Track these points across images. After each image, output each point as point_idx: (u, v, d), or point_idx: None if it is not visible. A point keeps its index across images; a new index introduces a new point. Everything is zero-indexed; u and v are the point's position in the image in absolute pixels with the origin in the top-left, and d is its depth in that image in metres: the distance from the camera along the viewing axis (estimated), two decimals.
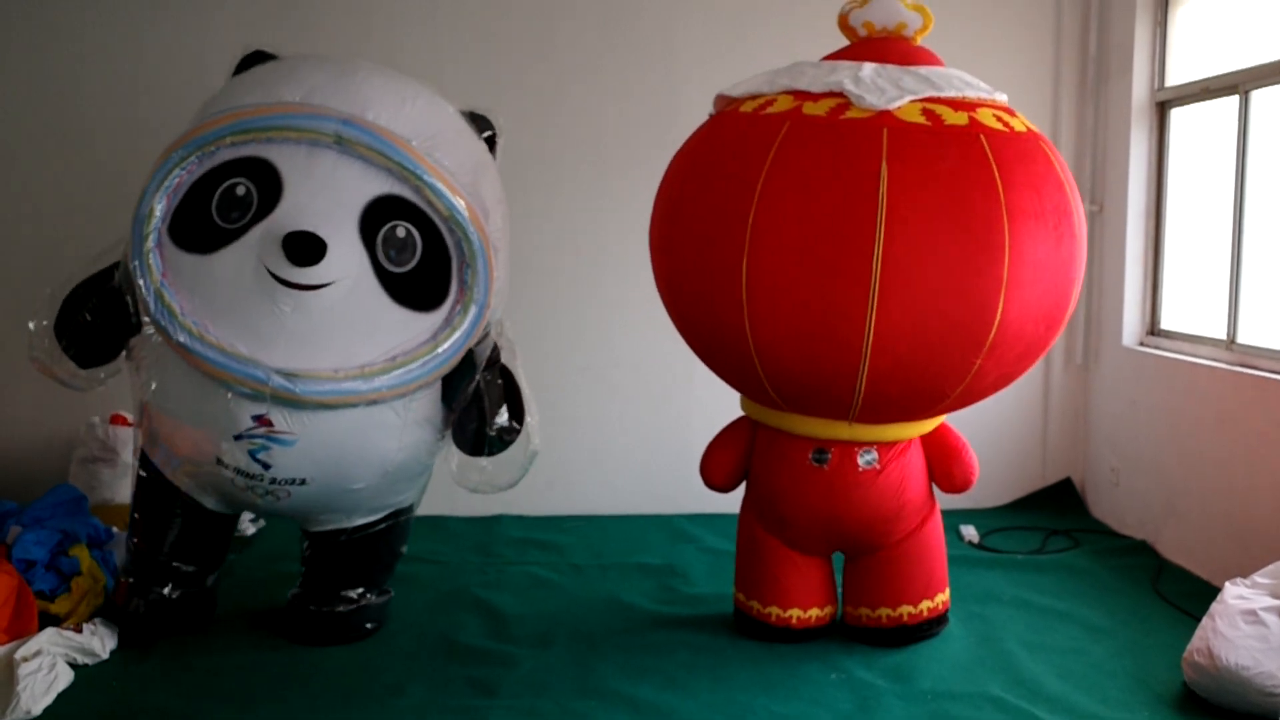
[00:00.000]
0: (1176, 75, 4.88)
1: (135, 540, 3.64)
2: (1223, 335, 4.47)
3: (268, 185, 3.23)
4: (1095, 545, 4.86)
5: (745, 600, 3.79)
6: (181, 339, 3.17)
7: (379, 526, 3.72)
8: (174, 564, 3.60)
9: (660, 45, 5.19)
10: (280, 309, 3.18)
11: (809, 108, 3.26)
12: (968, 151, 3.15)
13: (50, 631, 3.47)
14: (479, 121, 3.68)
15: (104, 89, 5.02)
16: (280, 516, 3.69)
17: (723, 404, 5.04)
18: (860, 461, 3.54)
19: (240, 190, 3.23)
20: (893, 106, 3.18)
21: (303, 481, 3.37)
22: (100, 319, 3.37)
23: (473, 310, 3.38)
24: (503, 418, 3.55)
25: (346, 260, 3.21)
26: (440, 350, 3.34)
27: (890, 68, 3.33)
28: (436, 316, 3.36)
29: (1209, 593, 3.75)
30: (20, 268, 4.91)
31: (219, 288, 3.20)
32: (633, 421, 5.32)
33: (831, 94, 3.28)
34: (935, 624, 3.77)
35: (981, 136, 3.18)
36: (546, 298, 5.23)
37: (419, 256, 3.32)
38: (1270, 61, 4.18)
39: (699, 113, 3.93)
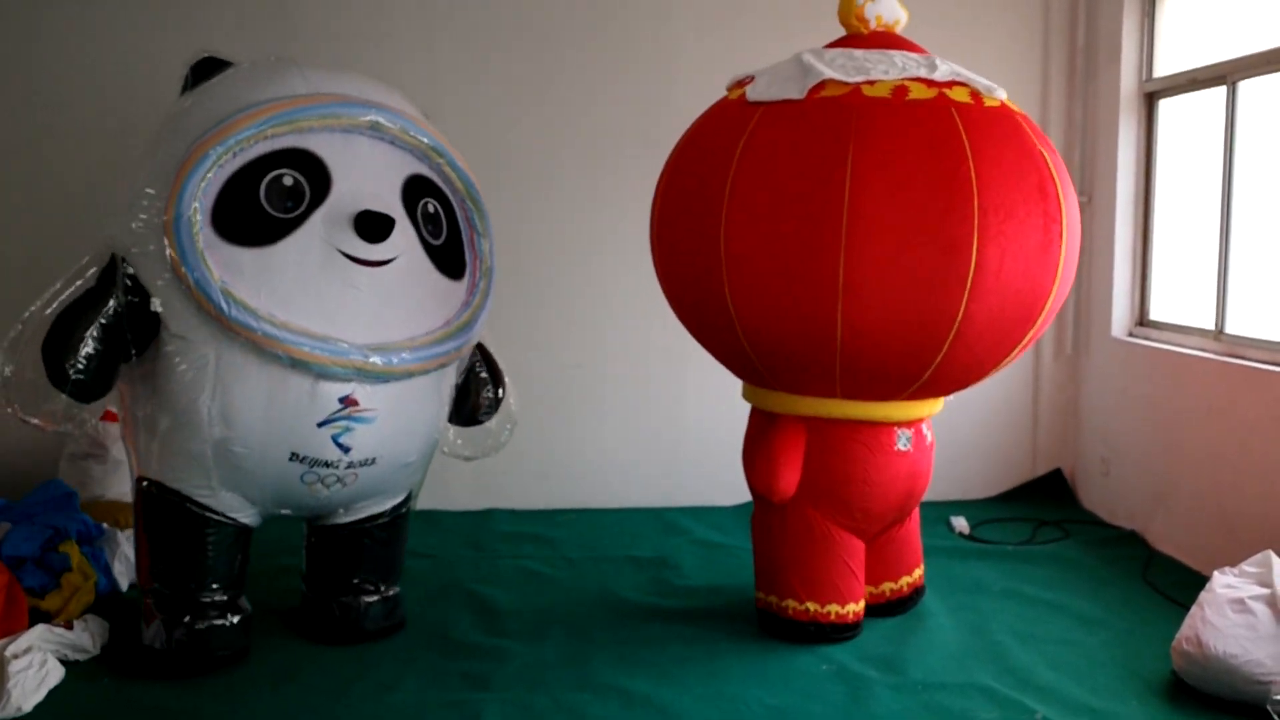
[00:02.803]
0: (1164, 66, 4.89)
1: (159, 584, 3.41)
2: (1211, 325, 4.49)
3: (314, 173, 3.29)
4: (1085, 536, 4.88)
5: (799, 604, 3.64)
6: (268, 330, 3.13)
7: (399, 512, 3.76)
8: (206, 595, 3.42)
9: (652, 38, 5.18)
10: (355, 287, 3.27)
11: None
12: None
13: (41, 628, 3.46)
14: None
15: (92, 97, 4.98)
16: (319, 513, 3.61)
17: (714, 398, 5.07)
18: (899, 443, 3.65)
19: (288, 180, 3.25)
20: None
21: (373, 461, 3.42)
22: (104, 345, 3.17)
23: (492, 275, 3.70)
24: (490, 391, 3.85)
25: (403, 235, 3.38)
26: (481, 313, 3.64)
27: (917, 56, 3.45)
28: (463, 284, 3.63)
29: (1198, 582, 3.77)
30: (15, 268, 4.87)
31: (286, 276, 3.20)
32: (624, 416, 5.32)
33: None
34: (920, 593, 4.00)
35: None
36: (539, 293, 5.22)
37: (446, 230, 3.56)
38: (1258, 52, 4.19)
39: (690, 106, 3.93)
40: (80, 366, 3.13)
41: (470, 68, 5.10)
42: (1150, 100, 4.98)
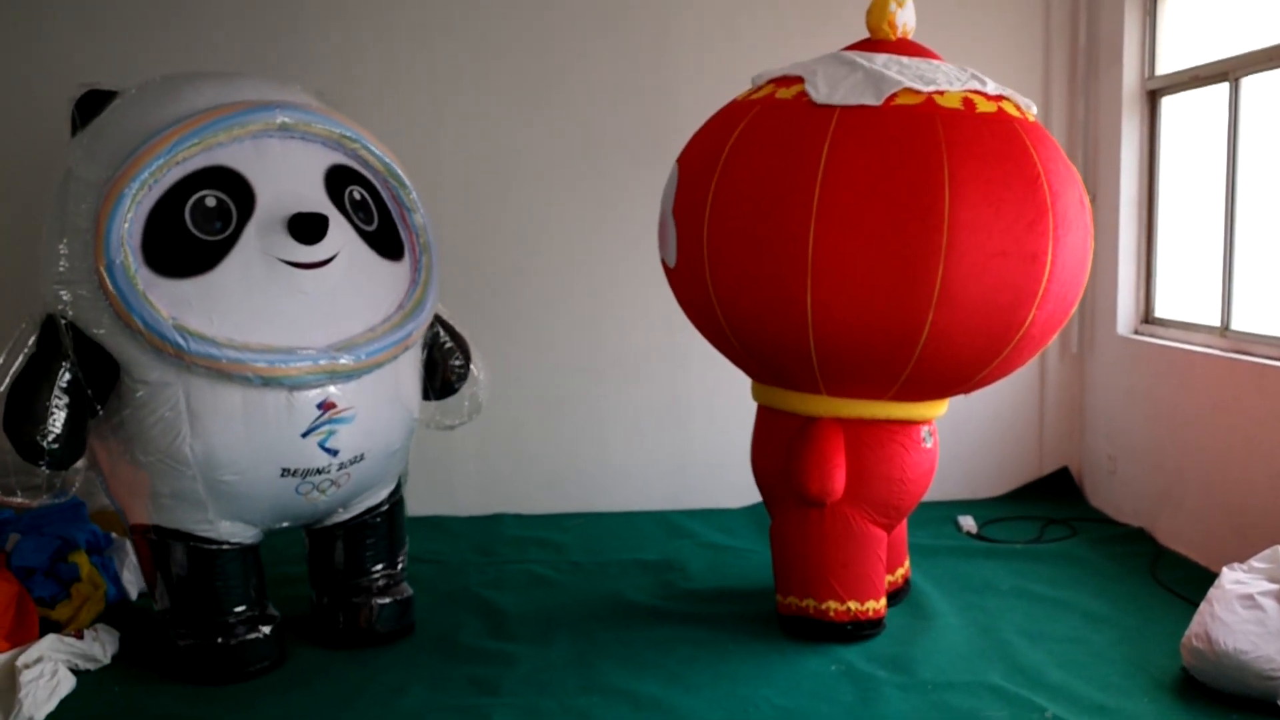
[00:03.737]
0: (1167, 64, 4.89)
1: (184, 619, 3.41)
2: (1217, 322, 4.48)
3: (235, 188, 3.24)
4: (1093, 534, 4.88)
5: (840, 605, 3.63)
6: (231, 355, 3.11)
7: (394, 499, 3.80)
8: (231, 617, 3.43)
9: (654, 44, 5.18)
10: (303, 292, 3.26)
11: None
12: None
13: (51, 638, 3.47)
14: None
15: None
16: (319, 518, 3.62)
17: (719, 401, 5.08)
18: (925, 440, 3.75)
19: (211, 201, 3.20)
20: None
21: (362, 457, 3.43)
22: (69, 408, 3.11)
23: (432, 250, 3.69)
24: (457, 359, 3.84)
25: (339, 229, 3.35)
26: (430, 288, 3.62)
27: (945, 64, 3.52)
28: (405, 264, 3.60)
29: (1207, 579, 3.76)
30: (14, 269, 4.87)
31: (234, 297, 3.17)
32: (629, 419, 5.33)
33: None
34: (909, 583, 4.13)
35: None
36: (543, 297, 5.23)
37: (377, 214, 3.54)
38: (1260, 48, 4.18)
39: (694, 110, 3.94)
40: (51, 436, 3.08)
41: (472, 72, 5.11)
42: (1153, 98, 4.97)
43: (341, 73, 4.93)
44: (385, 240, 3.53)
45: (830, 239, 3.19)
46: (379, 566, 3.74)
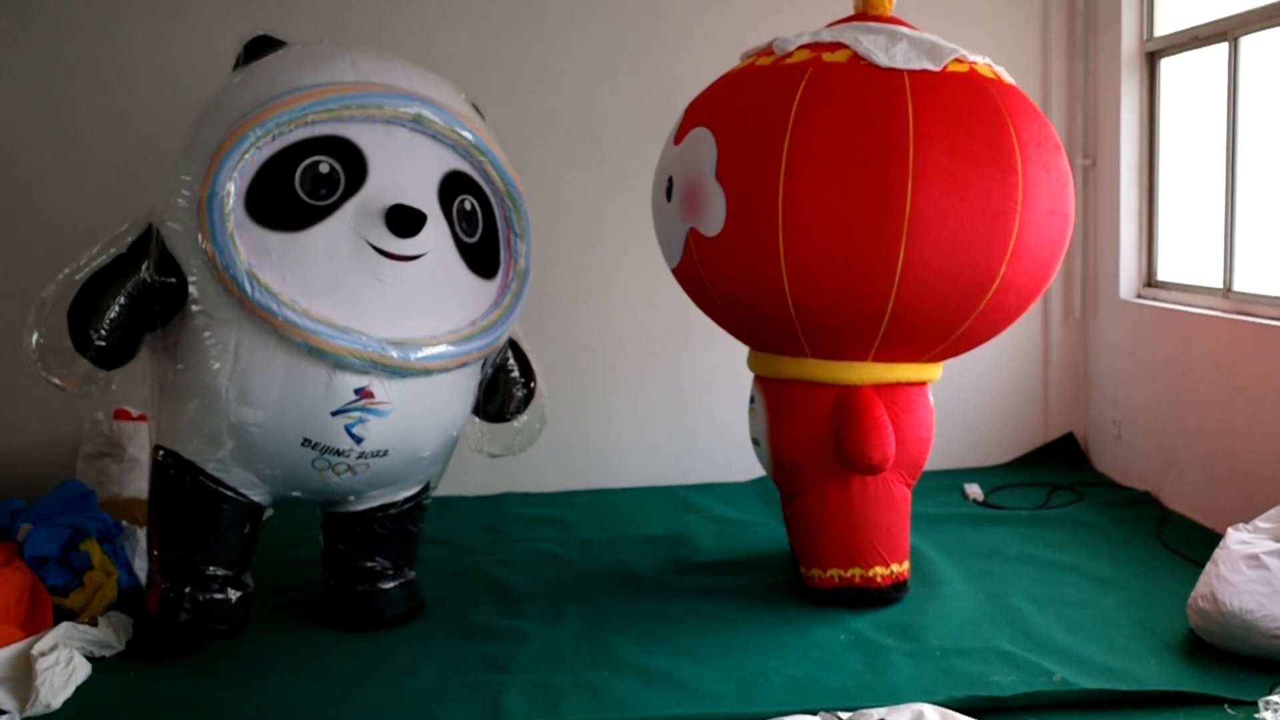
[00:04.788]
0: (1165, 24, 4.86)
1: (164, 552, 3.45)
2: (1219, 284, 4.48)
3: (351, 162, 3.29)
4: (1099, 498, 4.89)
5: (886, 569, 3.70)
6: (289, 315, 3.15)
7: (416, 502, 3.79)
8: (211, 568, 3.46)
9: (649, 15, 5.16)
10: (380, 280, 3.27)
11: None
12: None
13: (65, 625, 3.49)
14: (477, 109, 3.81)
15: (100, 83, 5.01)
16: (330, 498, 3.63)
17: (723, 376, 5.08)
18: (931, 400, 3.84)
19: (324, 168, 3.25)
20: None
21: (385, 453, 3.43)
22: (129, 313, 3.23)
23: (526, 277, 3.69)
24: (521, 390, 3.86)
25: (435, 231, 3.36)
26: (511, 314, 3.62)
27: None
28: (495, 284, 3.61)
29: (1212, 540, 3.77)
30: (22, 263, 4.89)
31: (313, 263, 3.21)
32: (635, 395, 5.34)
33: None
34: None
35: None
36: (546, 275, 5.19)
37: (482, 228, 3.54)
38: (1259, 7, 4.16)
39: (691, 87, 3.93)
40: (104, 333, 3.19)
41: (467, 47, 5.09)
42: (1151, 60, 4.95)
43: None
44: (482, 256, 3.54)
45: (924, 198, 3.25)
46: (386, 557, 3.74)
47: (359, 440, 3.36)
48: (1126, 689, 3.06)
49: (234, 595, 3.50)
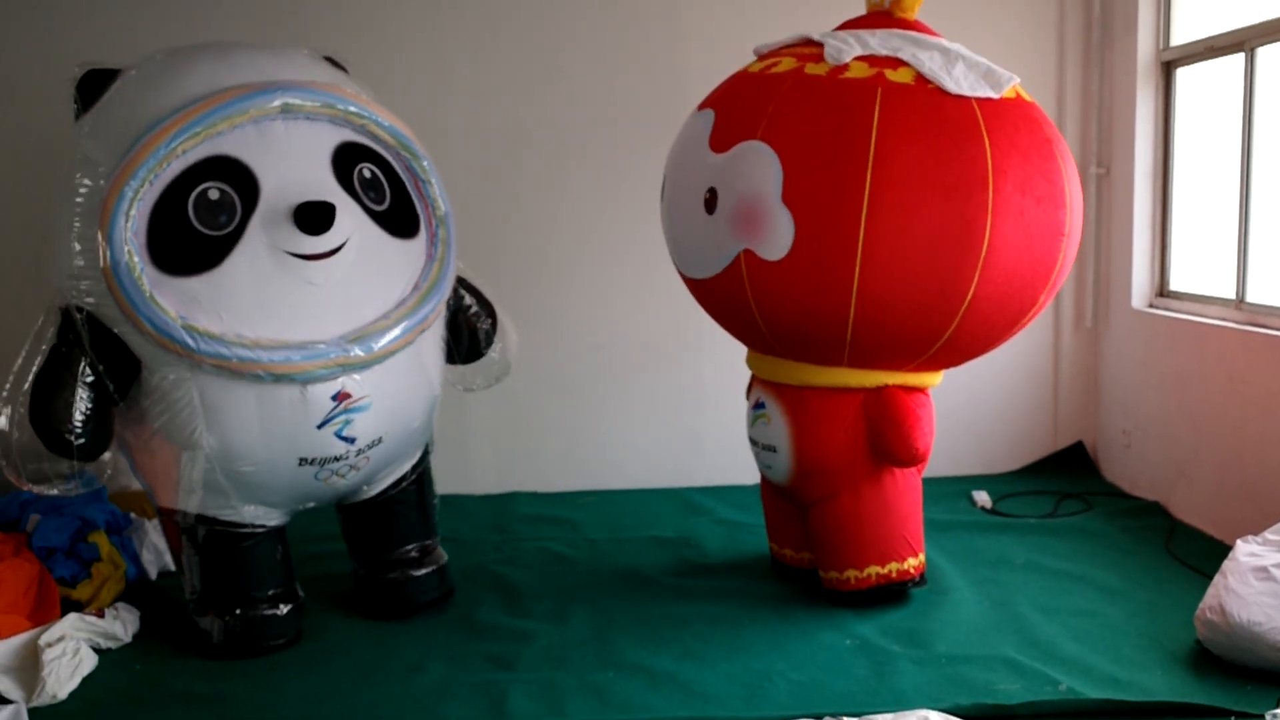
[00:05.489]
0: (1181, 34, 4.84)
1: (207, 589, 3.45)
2: (1232, 295, 4.46)
3: (238, 178, 3.17)
4: (1108, 507, 4.87)
5: (916, 560, 3.80)
6: (242, 354, 3.09)
7: (420, 469, 3.81)
8: (258, 593, 3.49)
9: (663, 11, 5.16)
10: (313, 284, 3.21)
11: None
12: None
13: (73, 617, 3.51)
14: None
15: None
16: (343, 498, 3.64)
17: (732, 377, 5.06)
18: None
19: (214, 194, 3.13)
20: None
21: (380, 440, 3.43)
22: (92, 401, 3.15)
23: (449, 221, 3.60)
24: (485, 321, 3.81)
25: (348, 215, 3.27)
26: (449, 263, 3.57)
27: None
28: (422, 239, 3.53)
29: (1221, 551, 3.75)
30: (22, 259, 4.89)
31: (243, 293, 3.13)
32: (643, 396, 5.34)
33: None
34: None
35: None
36: (555, 275, 5.24)
37: (389, 189, 3.45)
38: (1276, 18, 4.14)
39: (702, 87, 3.92)
40: (77, 431, 3.12)
41: (480, 44, 5.09)
42: (1167, 69, 4.93)
43: (348, 45, 4.89)
44: (399, 218, 3.46)
45: (999, 235, 3.29)
46: (412, 540, 3.76)
47: (351, 441, 3.35)
48: (1133, 700, 3.05)
49: (285, 609, 3.51)
